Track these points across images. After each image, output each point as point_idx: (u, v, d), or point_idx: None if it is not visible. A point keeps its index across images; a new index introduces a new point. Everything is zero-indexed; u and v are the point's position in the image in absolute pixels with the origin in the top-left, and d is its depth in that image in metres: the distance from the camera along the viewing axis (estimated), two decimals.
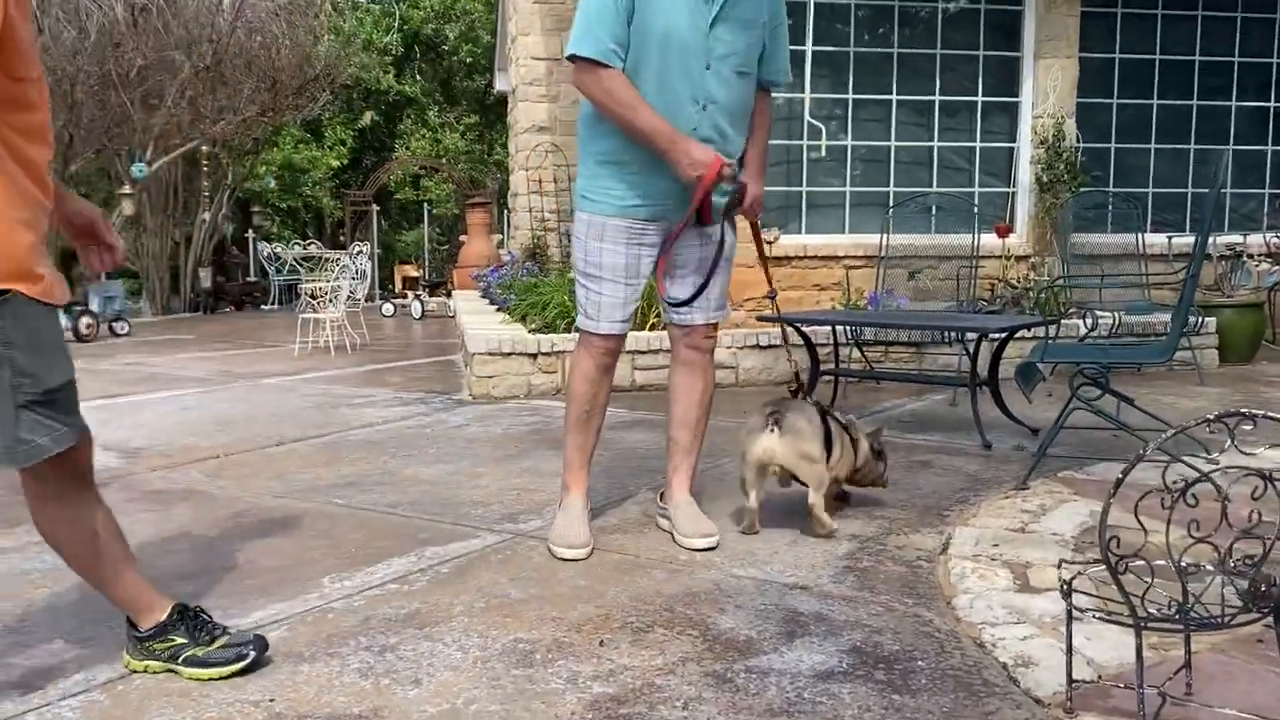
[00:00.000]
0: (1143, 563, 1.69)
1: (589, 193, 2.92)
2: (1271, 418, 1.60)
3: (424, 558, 2.93)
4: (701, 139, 2.81)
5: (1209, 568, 1.77)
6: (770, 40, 2.95)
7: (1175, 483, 1.61)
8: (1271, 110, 8.13)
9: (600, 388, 3.01)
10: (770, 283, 3.18)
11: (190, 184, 17.04)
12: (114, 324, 10.62)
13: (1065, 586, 1.83)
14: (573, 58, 2.79)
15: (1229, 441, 1.66)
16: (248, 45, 13.57)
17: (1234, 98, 8.06)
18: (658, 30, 2.74)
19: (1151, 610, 1.74)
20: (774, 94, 3.18)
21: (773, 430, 2.97)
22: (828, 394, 5.44)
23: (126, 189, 12.16)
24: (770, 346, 6.20)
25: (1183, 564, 1.69)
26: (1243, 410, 1.60)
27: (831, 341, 5.62)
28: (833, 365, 5.48)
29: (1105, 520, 1.64)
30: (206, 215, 16.82)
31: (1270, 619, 1.73)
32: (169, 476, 4.05)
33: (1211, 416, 1.62)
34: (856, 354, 5.87)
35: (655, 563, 2.86)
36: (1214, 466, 1.66)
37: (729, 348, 6.09)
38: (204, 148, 15.08)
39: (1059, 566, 1.96)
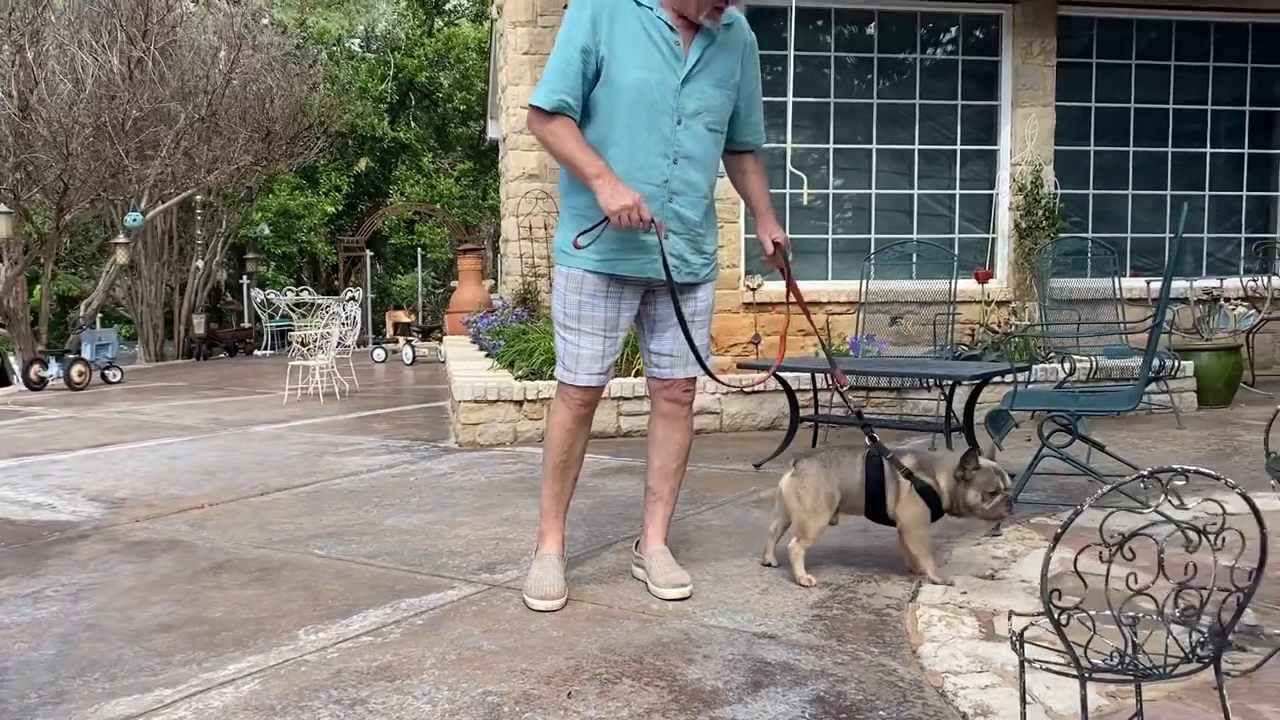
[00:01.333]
0: (1090, 612, 1.74)
1: (567, 247, 2.97)
2: (1202, 473, 1.66)
3: (400, 609, 2.96)
4: (672, 192, 2.90)
5: (1154, 617, 1.82)
6: (745, 102, 3.04)
7: (1112, 537, 1.66)
8: (1245, 156, 8.28)
9: (577, 438, 3.06)
10: (810, 321, 3.26)
11: (185, 231, 17.20)
12: (106, 371, 10.67)
13: (1015, 638, 1.88)
14: (530, 107, 2.90)
15: (1181, 492, 1.72)
16: (243, 96, 13.76)
17: (1208, 144, 8.21)
18: (628, 85, 2.83)
19: (1097, 661, 1.78)
20: (765, 141, 3.27)
21: (792, 468, 3.15)
22: (808, 439, 5.49)
23: (121, 238, 12.26)
24: (755, 392, 6.27)
25: (1127, 614, 1.74)
26: (1174, 467, 1.66)
27: (811, 387, 5.69)
28: (813, 411, 5.54)
29: (1046, 573, 1.69)
30: (201, 262, 16.96)
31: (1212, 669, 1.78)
32: (152, 527, 4.08)
33: (1145, 473, 1.68)
34: (839, 398, 5.93)
35: (628, 613, 2.89)
36: (1150, 520, 1.71)
37: (713, 393, 6.16)
38: (199, 196, 15.22)
39: (1009, 618, 2.01)
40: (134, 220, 12.32)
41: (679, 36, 2.85)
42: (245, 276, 19.38)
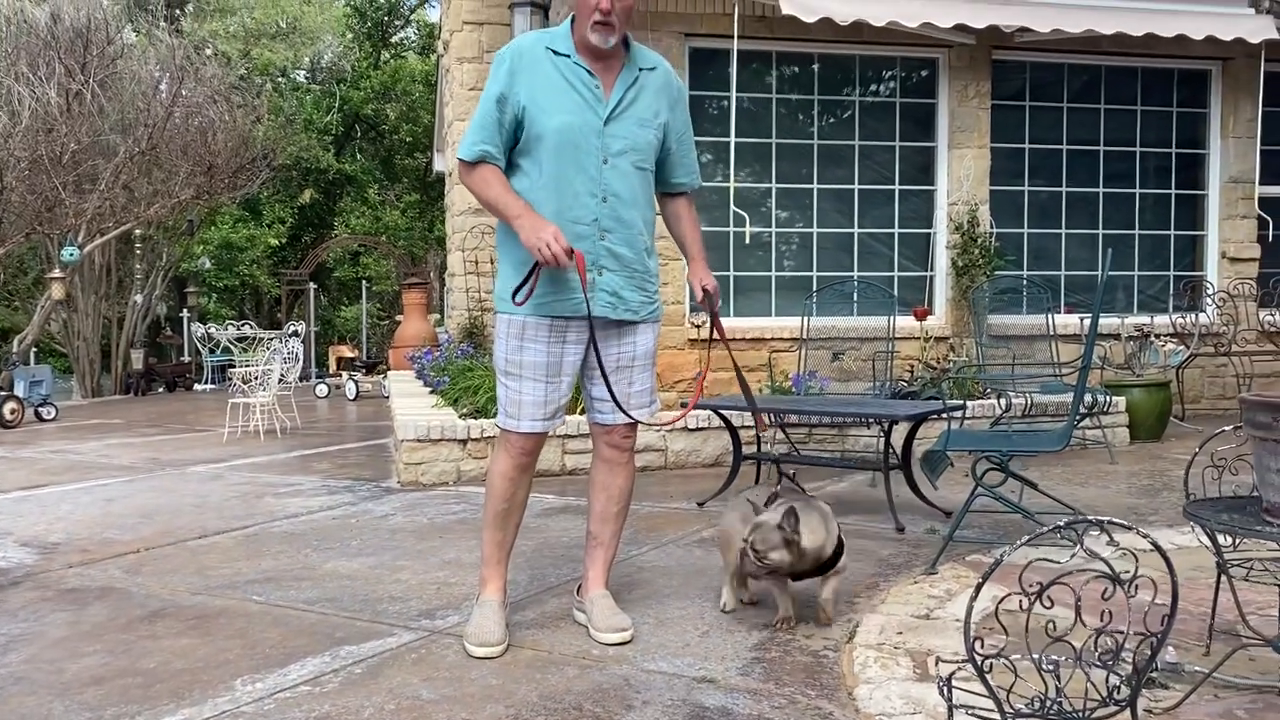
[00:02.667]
0: (1010, 658, 1.79)
1: (506, 295, 2.99)
2: (1116, 523, 1.72)
3: (338, 657, 2.94)
4: (603, 230, 2.95)
5: (1074, 662, 1.88)
6: (677, 144, 3.12)
7: (1031, 586, 1.72)
8: (1173, 196, 8.55)
9: (519, 486, 3.07)
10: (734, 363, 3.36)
11: (124, 264, 16.94)
12: (40, 409, 10.44)
13: (943, 683, 1.93)
14: (459, 160, 3.00)
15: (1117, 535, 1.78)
16: (184, 129, 13.63)
17: (1138, 184, 8.47)
18: (552, 129, 2.89)
19: (1020, 705, 1.83)
20: (701, 183, 3.32)
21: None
22: (752, 477, 5.54)
23: (57, 272, 12.04)
24: (699, 429, 6.31)
25: (1051, 658, 1.80)
26: (1090, 518, 1.72)
27: (754, 425, 5.74)
28: (754, 449, 5.60)
29: (969, 622, 1.74)
30: (140, 296, 16.69)
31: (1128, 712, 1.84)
32: (86, 573, 4.01)
33: (1062, 524, 1.74)
34: (781, 435, 6.00)
35: (568, 659, 2.90)
36: (1066, 569, 1.77)
37: (659, 431, 6.19)
38: (138, 230, 15.01)
39: (936, 663, 2.06)
40: (70, 254, 12.11)
41: (598, 80, 2.94)
42: (186, 310, 19.10)
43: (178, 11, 22.70)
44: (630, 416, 3.08)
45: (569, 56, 2.94)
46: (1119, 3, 7.39)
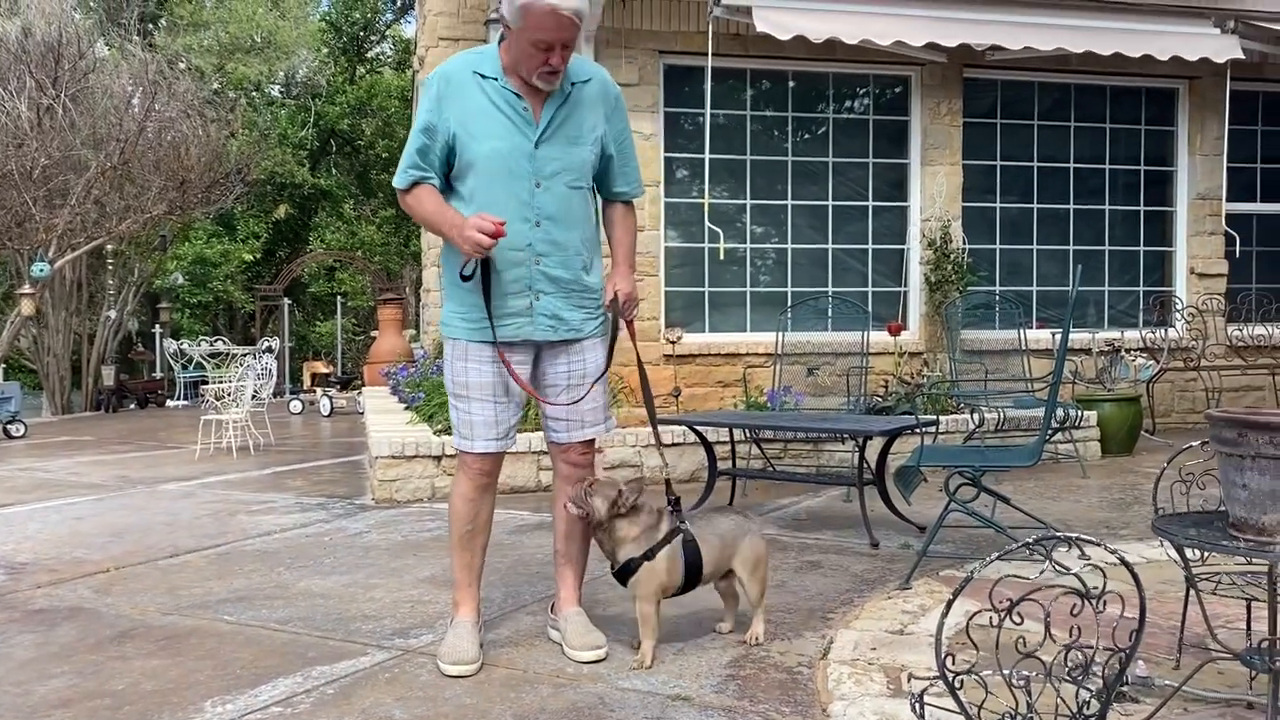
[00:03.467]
0: (981, 674, 1.80)
1: (449, 320, 3.04)
2: (1084, 539, 1.74)
3: (310, 677, 2.92)
4: (538, 254, 2.94)
5: (1044, 677, 1.89)
6: (617, 154, 3.08)
7: (1001, 602, 1.73)
8: (1142, 213, 8.66)
9: (481, 507, 3.07)
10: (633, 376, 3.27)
11: (96, 279, 16.79)
12: (8, 426, 10.33)
13: (915, 699, 1.93)
14: (397, 190, 3.02)
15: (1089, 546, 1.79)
16: (157, 144, 13.55)
17: (1107, 201, 8.58)
18: (482, 156, 2.88)
19: None
20: (643, 192, 3.27)
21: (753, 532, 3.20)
22: (727, 492, 5.55)
23: (26, 288, 11.92)
24: (675, 444, 6.32)
25: (1021, 674, 1.81)
26: (1058, 534, 1.74)
27: (729, 440, 5.76)
28: (730, 464, 5.61)
29: (940, 639, 1.75)
30: (112, 312, 16.55)
31: None
32: (55, 594, 3.96)
33: (1031, 540, 1.75)
34: (756, 450, 6.02)
35: (543, 677, 2.89)
36: (1037, 585, 1.78)
37: (633, 446, 6.19)
38: (110, 245, 14.89)
39: (909, 679, 2.06)
40: (40, 270, 12.00)
41: (527, 103, 2.90)
42: (159, 326, 18.95)
43: (151, 26, 22.60)
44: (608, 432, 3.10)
45: (496, 80, 2.90)
46: (1088, 22, 7.49)
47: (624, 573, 2.97)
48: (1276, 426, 2.08)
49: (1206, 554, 2.67)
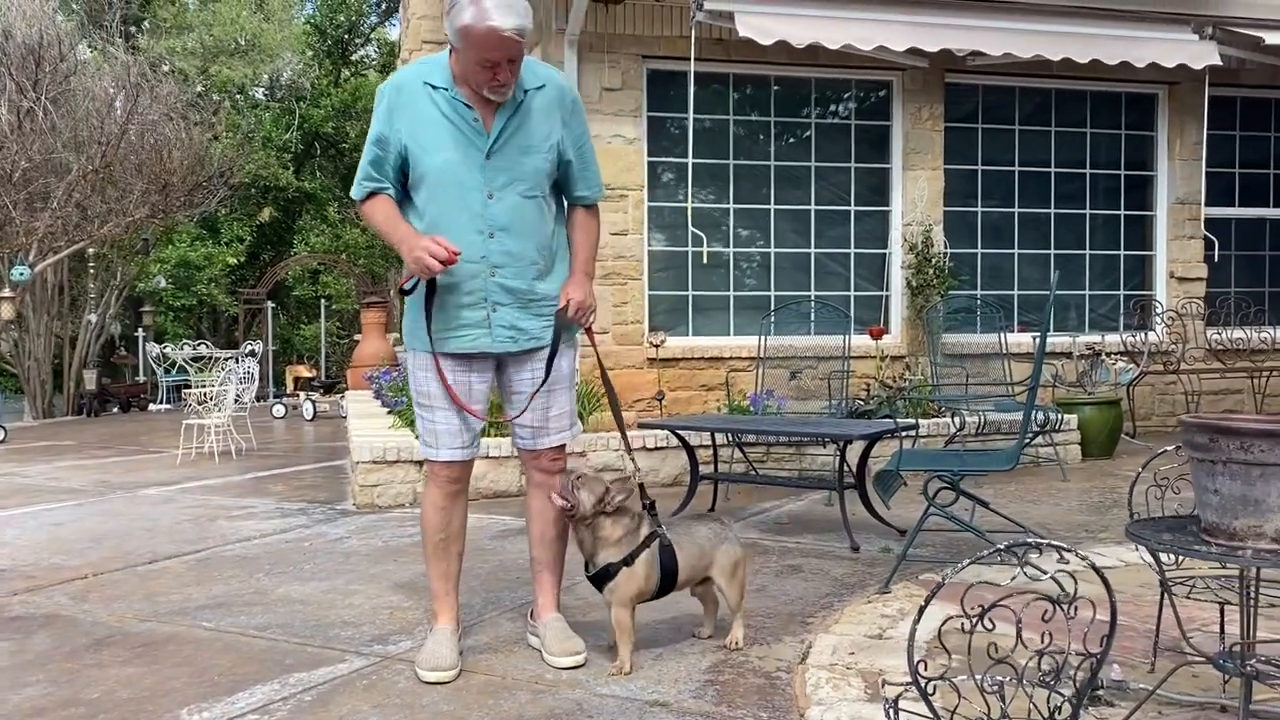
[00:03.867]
0: (953, 680, 1.81)
1: (408, 332, 3.05)
2: (1056, 546, 1.75)
3: (288, 685, 2.91)
4: (493, 266, 2.91)
5: (1017, 682, 1.90)
6: (576, 159, 3.04)
7: (972, 609, 1.74)
8: (1122, 217, 8.71)
9: (452, 515, 3.06)
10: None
11: (78, 283, 16.71)
12: None
13: (889, 705, 1.94)
14: (356, 202, 3.02)
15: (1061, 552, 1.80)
16: (139, 146, 13.48)
17: (1088, 205, 8.62)
18: (434, 168, 2.87)
19: None
20: (604, 195, 3.22)
21: (730, 539, 3.19)
22: (709, 496, 5.55)
23: (6, 292, 11.84)
24: (658, 449, 6.32)
25: (995, 679, 1.81)
26: (1028, 541, 1.75)
27: (711, 444, 5.77)
28: (712, 468, 5.62)
29: (912, 646, 1.76)
30: (94, 315, 16.46)
31: None
32: (31, 600, 3.94)
33: (1002, 546, 1.76)
34: (739, 454, 6.02)
35: (521, 683, 2.89)
36: (1009, 591, 1.79)
37: (616, 450, 6.19)
38: (92, 249, 14.81)
39: (882, 686, 2.07)
40: (20, 274, 11.92)
41: (477, 113, 2.86)
42: (141, 329, 18.85)
43: (133, 28, 22.50)
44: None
45: (447, 90, 2.86)
46: (1068, 28, 7.53)
47: (602, 577, 2.95)
48: (1247, 432, 2.09)
49: (1180, 558, 2.69)
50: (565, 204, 3.16)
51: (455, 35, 2.75)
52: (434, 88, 2.88)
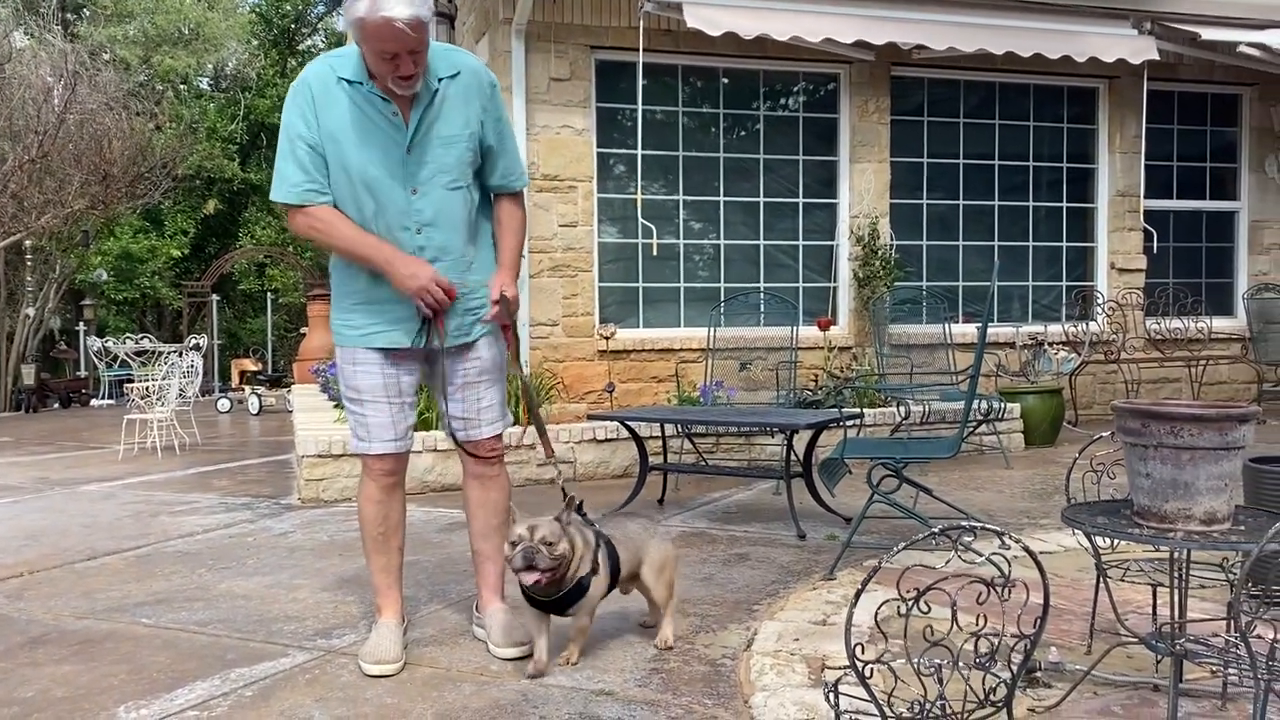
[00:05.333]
0: (890, 664, 1.83)
1: (338, 326, 3.01)
2: (989, 529, 1.78)
3: (229, 680, 2.87)
4: (429, 260, 2.86)
5: (954, 665, 1.93)
6: (497, 145, 2.97)
7: (909, 593, 1.76)
8: (1064, 209, 8.85)
9: (389, 508, 3.04)
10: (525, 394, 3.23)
11: (15, 276, 16.32)
12: None
13: (829, 689, 1.96)
14: (286, 207, 2.88)
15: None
16: (78, 136, 13.19)
17: (1031, 197, 8.76)
18: (352, 166, 2.80)
19: (903, 710, 1.87)
20: (526, 183, 3.16)
21: (657, 536, 3.15)
22: (659, 486, 5.57)
23: None
24: (608, 440, 6.32)
25: (932, 662, 1.84)
26: (962, 524, 1.77)
27: (661, 435, 5.78)
28: (661, 459, 5.63)
29: (849, 628, 1.78)
30: (31, 309, 16.10)
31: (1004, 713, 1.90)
32: None
33: (937, 530, 1.79)
34: (689, 445, 6.04)
35: (466, 675, 2.88)
36: (942, 575, 1.82)
37: (566, 442, 6.18)
38: (29, 241, 14.48)
39: (823, 670, 2.09)
40: None
41: (395, 106, 2.79)
42: (83, 323, 18.46)
43: (72, 16, 22.00)
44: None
45: (362, 84, 2.78)
46: (1011, 22, 7.64)
47: (577, 592, 2.78)
48: (1177, 417, 2.14)
49: (1116, 541, 2.75)
50: (488, 193, 3.07)
51: (351, 27, 2.67)
52: (349, 82, 2.78)
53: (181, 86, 23.49)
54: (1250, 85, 9.09)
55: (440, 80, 2.83)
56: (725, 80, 7.95)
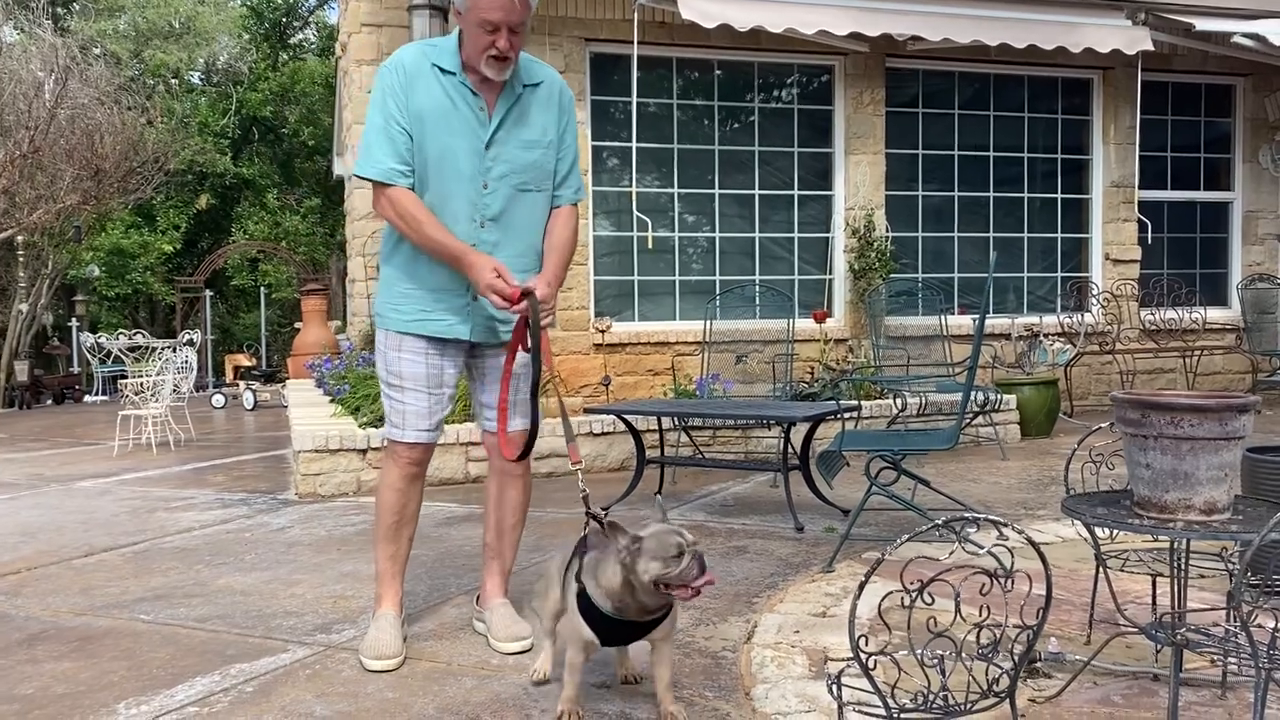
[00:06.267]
0: (893, 655, 1.83)
1: (384, 310, 3.00)
2: (992, 520, 1.78)
3: (229, 676, 2.87)
4: (488, 252, 2.86)
5: (957, 656, 1.93)
6: (565, 157, 3.02)
7: (912, 585, 1.76)
8: (1059, 200, 8.86)
9: (409, 497, 3.04)
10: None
11: (7, 272, 16.26)
12: None
13: (832, 680, 1.96)
14: (372, 183, 2.88)
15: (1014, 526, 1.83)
16: (69, 131, 13.13)
17: (1026, 189, 8.76)
18: (434, 152, 2.84)
19: (905, 701, 1.88)
20: (582, 197, 3.20)
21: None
22: (655, 480, 5.56)
23: None
24: (604, 433, 6.32)
25: (935, 653, 1.84)
26: (965, 516, 1.77)
27: (658, 428, 5.77)
28: (659, 452, 5.62)
29: (853, 619, 1.78)
30: (24, 305, 16.04)
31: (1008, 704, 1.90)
32: None
33: (940, 521, 1.79)
34: (685, 438, 6.04)
35: (467, 669, 2.88)
36: (946, 567, 1.82)
37: (563, 436, 6.17)
38: (20, 236, 14.42)
39: (825, 663, 2.09)
40: None
41: (482, 100, 2.86)
42: (75, 319, 18.40)
43: (63, 10, 21.88)
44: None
45: (455, 74, 2.85)
46: (1006, 14, 7.64)
47: (667, 609, 2.42)
48: (1177, 407, 2.14)
49: (1115, 532, 2.75)
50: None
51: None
52: (442, 71, 2.85)
53: (173, 81, 23.37)
54: (1244, 76, 9.11)
55: (525, 86, 2.91)
56: (719, 72, 7.94)
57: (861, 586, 1.78)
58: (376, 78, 2.90)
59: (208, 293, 19.12)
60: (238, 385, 14.10)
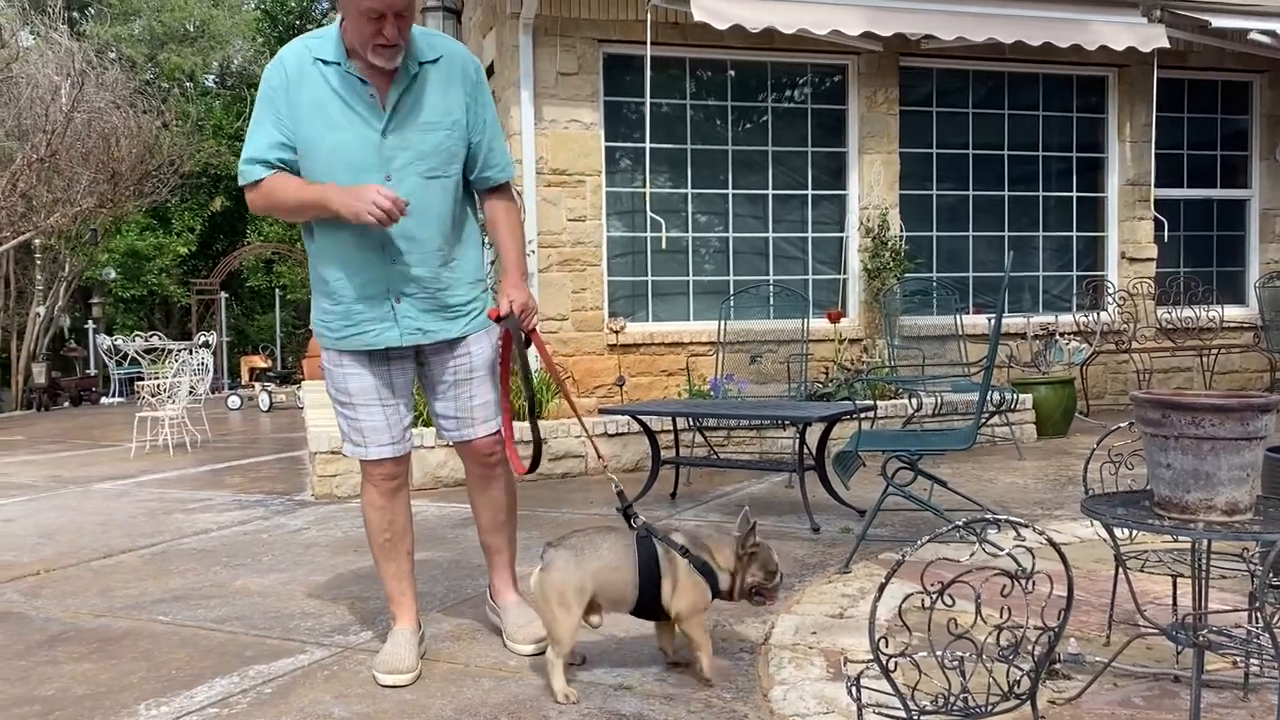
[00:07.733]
0: (913, 657, 1.82)
1: (319, 327, 2.90)
2: (1012, 521, 1.77)
3: (248, 677, 2.88)
4: (394, 253, 2.75)
5: (977, 658, 1.92)
6: (482, 134, 2.85)
7: (932, 586, 1.75)
8: (1074, 199, 8.82)
9: (395, 513, 2.95)
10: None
11: (25, 275, 16.37)
12: None
13: (851, 682, 1.96)
14: (245, 187, 2.78)
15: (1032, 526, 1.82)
16: (86, 135, 13.21)
17: (1041, 187, 8.72)
18: (324, 147, 2.69)
19: (926, 703, 1.87)
20: (513, 175, 3.04)
21: (541, 558, 2.69)
22: (671, 480, 5.56)
23: None
24: (619, 434, 6.31)
25: (955, 654, 1.83)
26: (985, 517, 1.76)
27: (673, 429, 5.77)
28: (673, 453, 5.62)
29: (874, 621, 1.77)
30: (42, 308, 16.15)
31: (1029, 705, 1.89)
32: None
33: (962, 523, 1.78)
34: (700, 438, 6.04)
35: (484, 670, 2.88)
36: (966, 568, 1.81)
37: (578, 436, 6.18)
38: (38, 240, 14.51)
39: (844, 664, 2.09)
40: None
41: (373, 87, 2.69)
42: (91, 321, 18.51)
43: (78, 14, 22.01)
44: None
45: (339, 64, 2.69)
46: (1020, 11, 7.61)
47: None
48: (1198, 407, 2.13)
49: (1135, 532, 2.74)
50: (474, 191, 2.96)
51: None
52: (325, 63, 2.69)
53: (188, 84, 23.49)
54: (1261, 72, 9.04)
55: (421, 64, 2.73)
56: (732, 73, 7.93)
57: (882, 588, 1.78)
58: (261, 79, 2.77)
59: (223, 295, 19.20)
60: (253, 387, 14.16)
